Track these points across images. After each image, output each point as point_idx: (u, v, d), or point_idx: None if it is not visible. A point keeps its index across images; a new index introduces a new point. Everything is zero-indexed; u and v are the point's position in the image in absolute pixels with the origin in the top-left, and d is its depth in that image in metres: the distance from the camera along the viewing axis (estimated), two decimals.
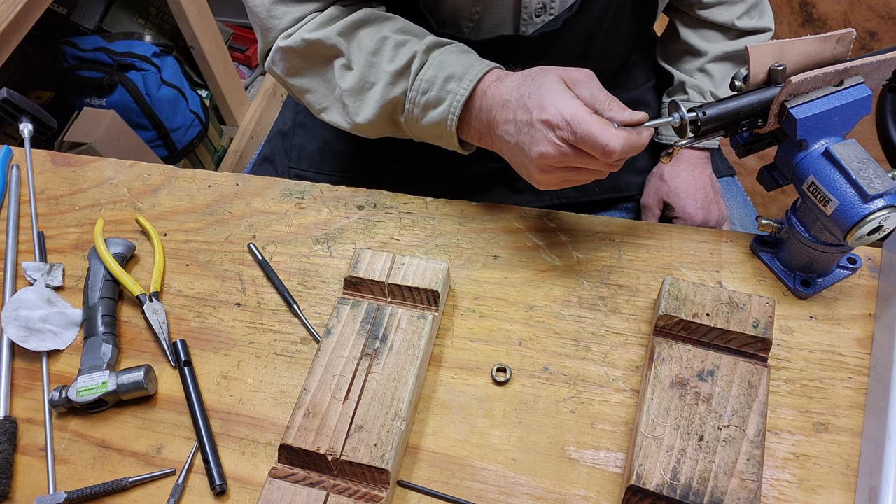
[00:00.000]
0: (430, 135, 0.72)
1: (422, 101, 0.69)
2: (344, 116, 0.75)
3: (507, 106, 0.64)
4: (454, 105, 0.67)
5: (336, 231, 0.77)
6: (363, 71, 0.71)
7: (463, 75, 0.67)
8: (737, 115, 0.61)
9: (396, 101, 0.70)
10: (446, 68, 0.67)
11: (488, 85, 0.66)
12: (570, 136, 0.58)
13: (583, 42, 0.81)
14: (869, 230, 0.58)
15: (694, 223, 0.90)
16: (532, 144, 0.61)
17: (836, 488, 0.57)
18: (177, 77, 1.78)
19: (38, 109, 0.91)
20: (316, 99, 0.76)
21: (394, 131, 0.76)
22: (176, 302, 0.73)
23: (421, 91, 0.68)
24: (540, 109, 0.60)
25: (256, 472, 0.61)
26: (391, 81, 0.69)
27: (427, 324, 0.64)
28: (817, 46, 0.60)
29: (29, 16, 1.28)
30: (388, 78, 0.69)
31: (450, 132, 0.69)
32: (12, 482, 0.63)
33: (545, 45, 0.79)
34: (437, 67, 0.68)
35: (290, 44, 0.73)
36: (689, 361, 0.60)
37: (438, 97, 0.67)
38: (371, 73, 0.71)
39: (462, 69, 0.67)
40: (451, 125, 0.68)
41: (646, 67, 1.00)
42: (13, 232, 0.80)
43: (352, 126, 0.75)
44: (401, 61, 0.69)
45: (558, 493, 0.59)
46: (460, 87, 0.66)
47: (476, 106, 0.67)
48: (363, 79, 0.71)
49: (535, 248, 0.74)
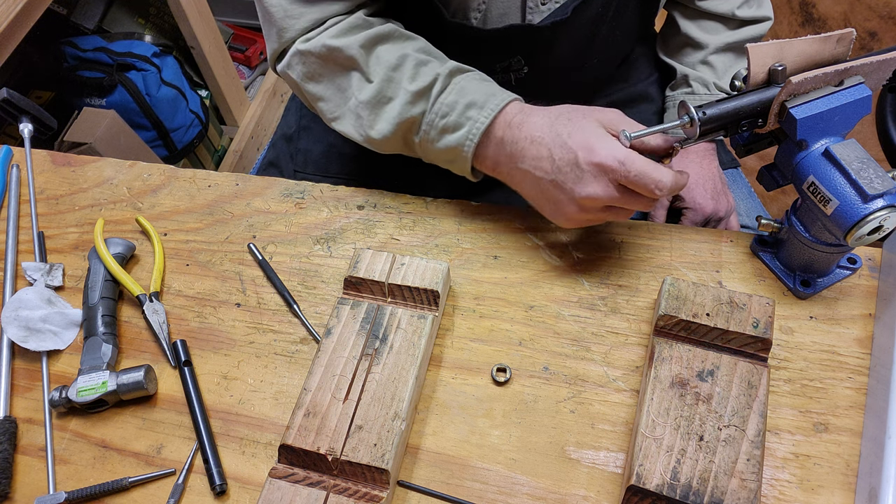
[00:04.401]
0: (442, 158, 0.72)
1: (440, 124, 0.69)
2: (357, 128, 0.74)
3: (540, 143, 0.64)
4: (473, 132, 0.67)
5: (336, 231, 0.77)
6: (382, 85, 0.71)
7: (484, 103, 0.67)
8: (737, 115, 0.61)
9: (413, 121, 0.70)
10: (468, 95, 0.68)
11: (512, 117, 0.66)
12: (624, 176, 0.60)
13: (588, 32, 0.81)
14: (869, 230, 0.58)
15: (704, 213, 0.90)
16: (577, 184, 0.62)
17: (836, 488, 0.57)
18: (177, 77, 1.78)
19: (38, 109, 0.91)
20: (329, 108, 0.76)
21: (405, 150, 0.75)
22: (176, 302, 0.73)
23: (440, 115, 0.68)
24: (588, 151, 0.61)
25: (256, 472, 0.61)
26: (410, 101, 0.69)
27: (427, 324, 0.64)
28: (817, 46, 0.60)
29: (29, 16, 1.28)
30: (408, 97, 0.69)
31: (464, 158, 0.69)
32: (12, 482, 0.63)
33: (554, 35, 0.79)
34: (459, 93, 0.68)
35: (309, 48, 0.72)
36: (689, 361, 0.60)
37: (457, 122, 0.68)
38: (390, 89, 0.70)
39: (484, 97, 0.67)
40: (467, 151, 0.68)
41: (647, 62, 1.00)
42: (13, 232, 0.80)
43: (365, 139, 0.74)
44: (422, 82, 0.69)
45: (558, 493, 0.59)
46: (481, 115, 0.67)
47: (496, 136, 0.67)
48: (381, 92, 0.71)
49: (535, 248, 0.74)
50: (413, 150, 0.75)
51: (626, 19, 0.84)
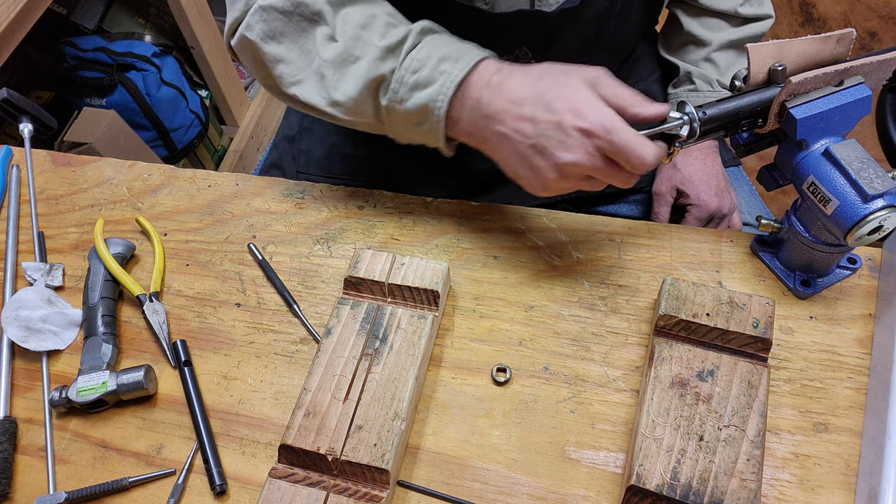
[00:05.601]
0: (411, 121, 0.66)
1: (411, 80, 0.63)
2: (320, 90, 0.68)
3: (521, 104, 0.60)
4: (447, 86, 0.62)
5: (336, 231, 0.77)
6: (348, 43, 0.66)
7: (459, 57, 0.63)
8: (737, 115, 0.61)
9: (382, 79, 0.65)
10: (441, 49, 0.63)
11: (490, 76, 0.62)
12: (607, 146, 0.57)
13: (595, 27, 0.81)
14: (869, 230, 0.58)
15: (709, 210, 0.90)
16: (560, 149, 0.58)
17: (836, 488, 0.57)
18: (177, 77, 1.78)
19: (38, 109, 0.91)
20: (290, 70, 0.69)
21: (369, 118, 0.69)
22: (176, 302, 0.73)
23: (411, 70, 0.63)
24: (575, 115, 0.58)
25: (256, 472, 0.61)
26: (380, 57, 0.64)
27: (427, 324, 0.64)
28: (817, 46, 0.60)
29: (29, 16, 1.28)
30: (378, 53, 0.64)
31: (437, 118, 0.63)
32: (12, 482, 0.63)
33: (562, 23, 0.78)
34: (432, 48, 0.64)
35: (273, 3, 0.67)
36: (689, 361, 0.60)
37: (430, 77, 0.62)
38: (357, 47, 0.66)
39: (458, 52, 0.63)
40: (440, 109, 0.62)
41: (650, 60, 1.00)
42: (13, 232, 0.80)
43: (328, 102, 0.68)
44: (392, 38, 0.64)
45: (558, 493, 0.59)
46: (455, 68, 0.62)
47: (472, 96, 0.63)
48: (347, 51, 0.66)
49: (535, 248, 0.74)
50: (379, 116, 0.68)
51: (632, 15, 0.84)
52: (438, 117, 0.63)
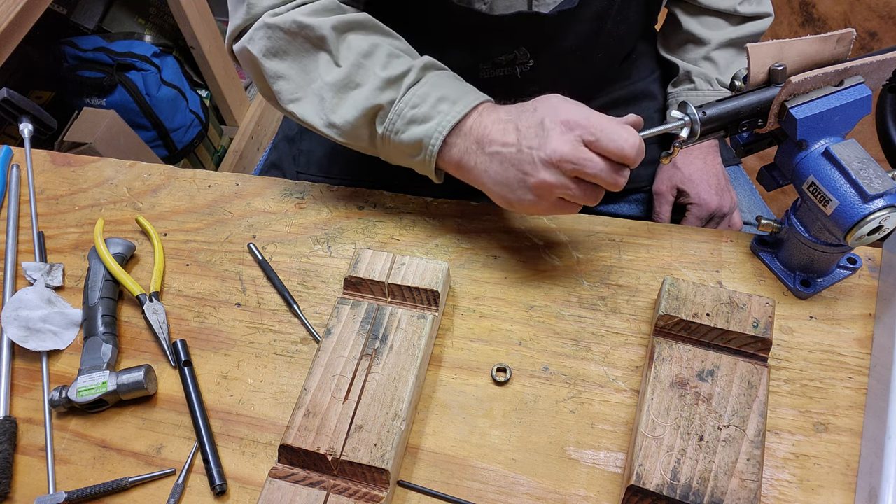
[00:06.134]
0: (404, 153, 0.69)
1: (409, 114, 0.66)
2: (319, 112, 0.70)
3: (507, 121, 0.63)
4: (443, 125, 0.65)
5: (336, 231, 0.77)
6: (350, 70, 0.68)
7: (457, 100, 0.65)
8: (737, 115, 0.61)
9: (379, 108, 0.68)
10: (441, 89, 0.66)
11: (479, 113, 0.65)
12: (590, 135, 0.58)
13: (594, 26, 0.81)
14: (869, 230, 0.58)
15: (709, 209, 0.90)
16: (544, 144, 0.60)
17: (836, 488, 0.57)
18: (177, 77, 1.78)
19: (38, 109, 0.91)
20: (290, 88, 0.71)
21: (364, 142, 0.72)
22: (176, 302, 0.73)
23: (410, 104, 0.66)
24: (554, 111, 0.60)
25: (256, 472, 0.61)
26: (380, 87, 0.67)
27: (427, 324, 0.64)
28: (817, 46, 0.60)
29: (29, 16, 1.28)
30: (378, 83, 0.67)
31: (430, 152, 0.66)
32: (12, 482, 0.63)
33: (560, 26, 0.78)
34: (432, 86, 0.66)
35: (278, 22, 0.68)
36: (689, 361, 0.60)
37: (427, 114, 0.65)
38: (359, 74, 0.68)
39: (457, 94, 0.66)
40: (434, 145, 0.66)
41: (649, 60, 1.00)
42: (13, 232, 0.80)
43: (325, 123, 0.70)
44: (394, 70, 0.67)
45: (558, 493, 0.59)
46: (453, 110, 0.65)
47: (463, 131, 0.66)
48: (349, 77, 0.68)
49: (535, 248, 0.74)
50: (374, 142, 0.71)
51: (631, 14, 0.84)
52: (431, 153, 0.66)
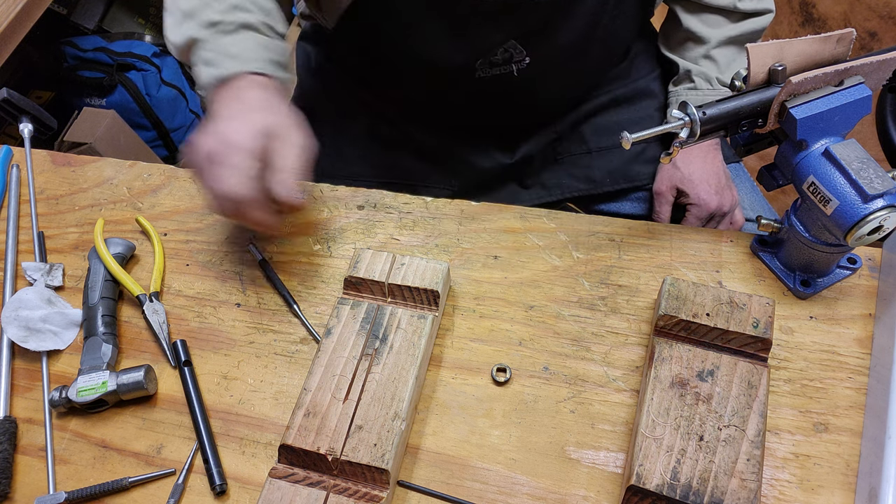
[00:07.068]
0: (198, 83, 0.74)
1: (207, 56, 0.70)
2: (166, 29, 0.75)
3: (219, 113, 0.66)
4: (214, 76, 0.68)
5: (336, 231, 0.77)
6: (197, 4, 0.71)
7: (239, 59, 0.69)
8: (737, 115, 0.61)
9: (194, 43, 0.71)
10: (238, 46, 0.69)
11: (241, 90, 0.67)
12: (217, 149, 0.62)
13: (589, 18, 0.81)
14: (869, 230, 0.58)
15: (709, 209, 0.90)
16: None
17: (836, 488, 0.57)
18: (177, 77, 1.78)
19: (38, 109, 0.91)
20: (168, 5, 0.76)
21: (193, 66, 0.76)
22: (176, 302, 0.73)
23: (210, 48, 0.70)
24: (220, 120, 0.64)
25: (256, 472, 0.61)
26: (205, 25, 0.70)
27: (427, 324, 0.64)
28: (817, 46, 0.60)
29: (29, 16, 1.28)
30: (205, 22, 0.70)
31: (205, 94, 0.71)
32: (12, 482, 0.63)
33: (555, 14, 0.78)
34: (234, 42, 0.69)
35: None
36: (689, 361, 0.60)
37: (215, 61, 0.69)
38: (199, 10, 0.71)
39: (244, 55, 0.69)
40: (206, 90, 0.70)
41: (649, 58, 1.00)
42: (13, 232, 0.80)
43: (167, 40, 0.75)
44: (221, 18, 0.70)
45: (558, 493, 0.59)
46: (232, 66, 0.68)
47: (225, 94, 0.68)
48: (193, 9, 0.72)
49: (535, 248, 0.74)
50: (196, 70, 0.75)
51: (627, 8, 0.84)
52: (206, 95, 0.71)
